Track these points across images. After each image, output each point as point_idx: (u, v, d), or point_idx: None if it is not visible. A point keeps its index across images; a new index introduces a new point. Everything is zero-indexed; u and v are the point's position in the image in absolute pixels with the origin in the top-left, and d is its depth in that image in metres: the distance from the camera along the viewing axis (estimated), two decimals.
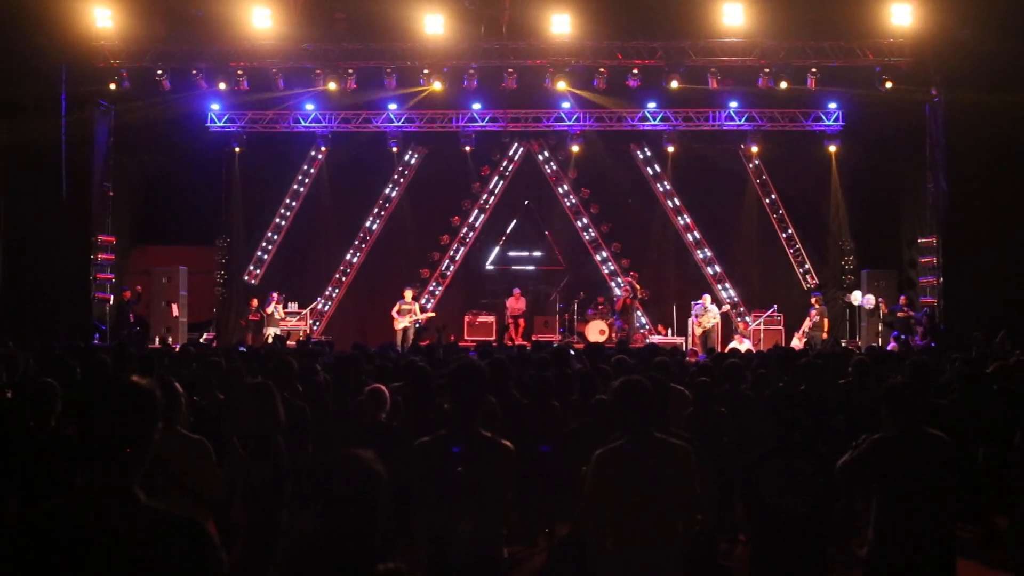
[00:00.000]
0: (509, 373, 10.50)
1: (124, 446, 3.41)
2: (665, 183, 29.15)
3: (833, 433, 9.20)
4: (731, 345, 24.16)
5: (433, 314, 27.27)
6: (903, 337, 24.27)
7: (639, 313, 28.22)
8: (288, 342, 21.67)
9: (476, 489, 5.62)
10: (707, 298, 26.68)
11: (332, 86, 25.22)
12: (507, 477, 5.81)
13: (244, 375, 9.28)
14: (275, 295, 26.58)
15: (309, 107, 27.16)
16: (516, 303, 27.67)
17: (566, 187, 29.57)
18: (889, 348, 21.92)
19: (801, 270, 28.70)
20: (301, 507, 3.95)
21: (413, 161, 29.54)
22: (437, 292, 29.49)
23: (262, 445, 7.03)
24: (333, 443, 8.31)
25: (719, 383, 10.75)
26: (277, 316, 26.01)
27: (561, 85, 25.10)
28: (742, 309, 28.23)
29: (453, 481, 5.62)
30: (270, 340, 22.51)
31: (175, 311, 26.42)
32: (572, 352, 15.19)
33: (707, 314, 25.89)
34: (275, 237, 29.22)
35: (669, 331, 27.45)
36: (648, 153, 29.15)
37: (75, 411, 3.46)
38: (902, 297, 25.87)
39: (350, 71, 24.94)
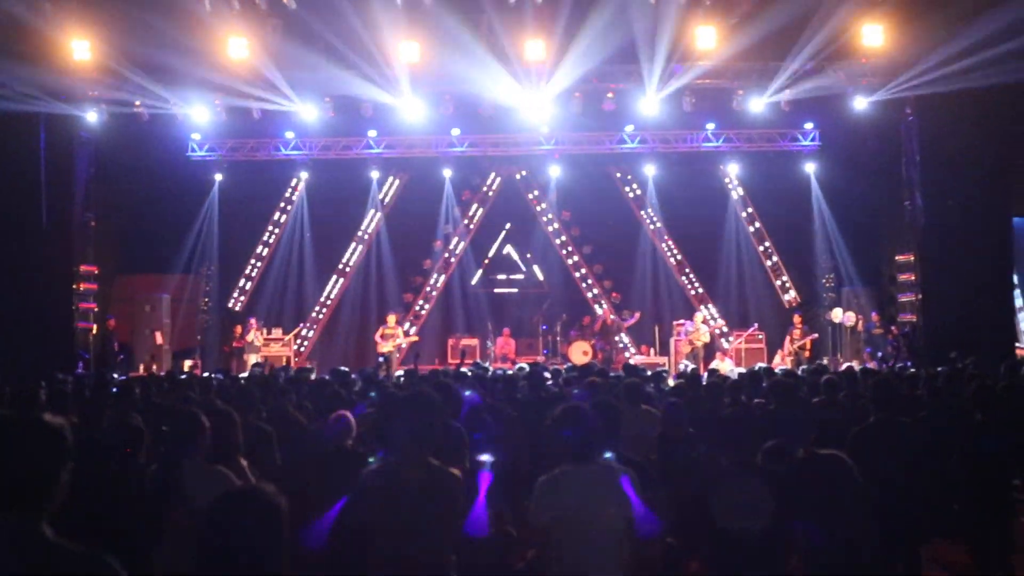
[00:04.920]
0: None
1: (31, 485, 3.45)
2: (645, 205, 29.28)
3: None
4: (713, 364, 24.19)
5: (417, 338, 27.36)
6: (879, 354, 24.44)
7: (622, 334, 28.33)
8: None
9: (425, 517, 5.68)
10: (698, 316, 26.77)
11: (311, 114, 25.32)
12: (455, 506, 5.90)
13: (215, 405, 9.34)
14: (253, 321, 26.55)
15: (289, 135, 27.21)
16: (506, 344, 27.60)
17: (547, 210, 29.68)
18: (868, 366, 21.99)
19: (782, 288, 28.83)
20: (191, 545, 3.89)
21: (394, 187, 29.65)
22: (420, 316, 29.54)
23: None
24: (300, 468, 8.37)
25: (696, 403, 10.83)
26: (257, 343, 25.97)
27: (538, 109, 25.27)
28: (724, 328, 28.31)
29: (403, 510, 5.68)
30: (251, 367, 22.50)
31: (159, 339, 26.45)
32: (547, 373, 15.28)
33: (698, 332, 25.96)
34: (258, 264, 29.31)
35: (652, 351, 27.53)
36: (627, 175, 29.32)
37: None
38: (874, 314, 26.04)
39: (328, 99, 25.08)
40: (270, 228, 29.43)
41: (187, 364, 25.39)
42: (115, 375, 19.28)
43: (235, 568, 3.53)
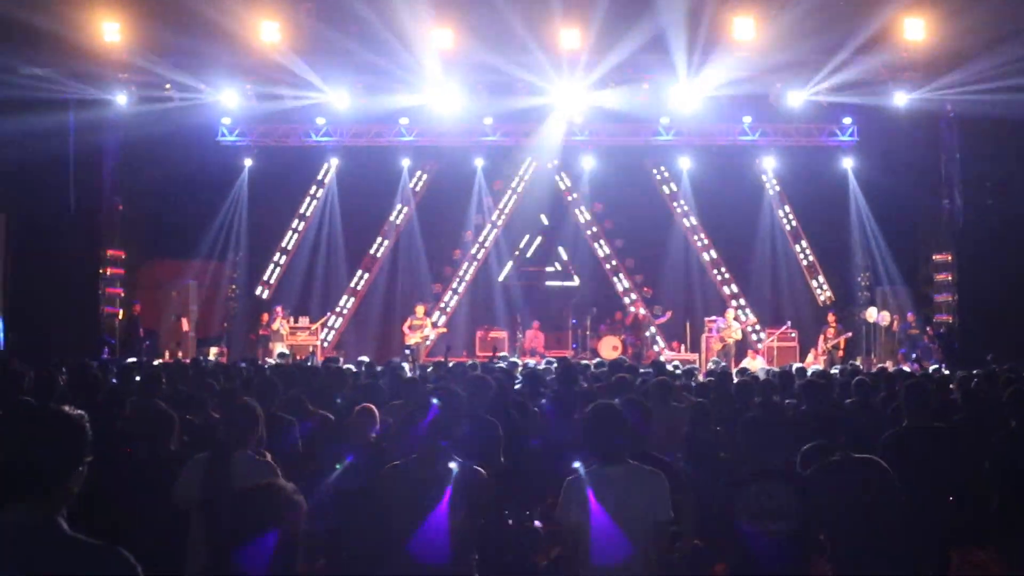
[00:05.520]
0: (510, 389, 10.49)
1: (47, 477, 3.37)
2: (679, 198, 29.08)
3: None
4: (744, 362, 23.96)
5: (445, 329, 27.23)
6: (914, 355, 24.17)
7: (653, 329, 28.15)
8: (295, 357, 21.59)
9: (446, 514, 5.57)
10: (729, 313, 26.53)
11: (343, 100, 25.14)
12: (478, 502, 5.79)
13: (239, 394, 9.32)
14: (279, 309, 26.48)
15: (320, 121, 26.98)
16: (535, 337, 27.51)
17: (579, 202, 29.51)
18: (903, 367, 21.71)
19: (816, 286, 28.57)
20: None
21: (425, 175, 29.50)
22: (449, 307, 29.40)
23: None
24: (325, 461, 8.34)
25: (725, 402, 10.65)
26: (283, 331, 25.86)
27: (572, 99, 25.04)
28: (757, 326, 28.05)
29: (424, 506, 5.58)
30: (276, 356, 22.42)
31: (185, 325, 26.41)
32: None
33: (730, 329, 25.74)
34: (287, 251, 29.22)
35: (683, 347, 27.31)
36: (662, 168, 29.11)
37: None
38: (910, 315, 25.77)
39: (360, 85, 24.88)
40: (299, 215, 29.35)
41: (213, 352, 25.31)
42: (138, 361, 19.18)
43: (251, 564, 3.42)
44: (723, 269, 29.21)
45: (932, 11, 21.23)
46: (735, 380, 12.92)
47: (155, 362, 20.52)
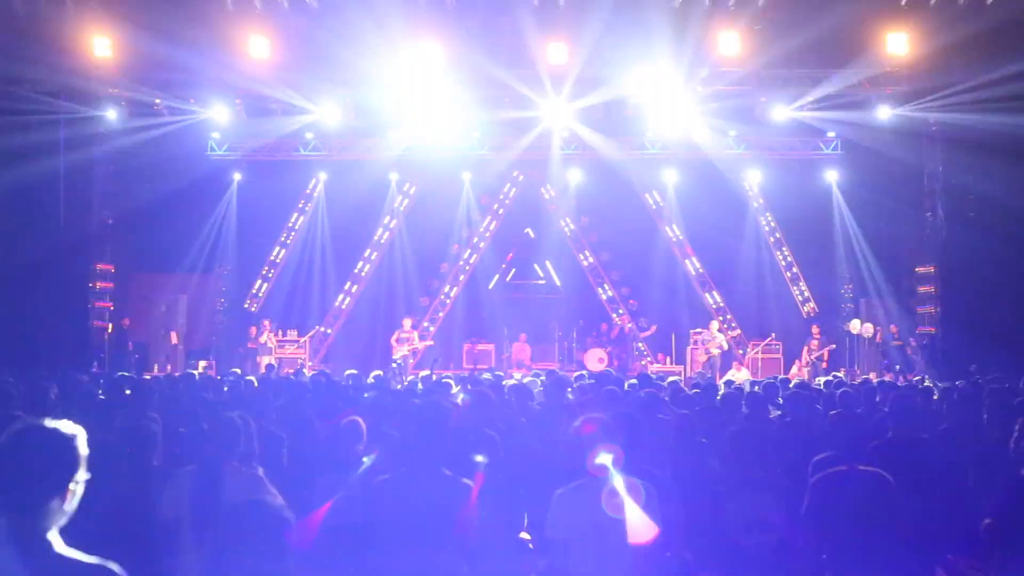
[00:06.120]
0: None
1: (42, 493, 3.41)
2: (665, 211, 29.14)
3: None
4: (729, 374, 24.06)
5: (432, 342, 27.27)
6: (897, 367, 24.30)
7: (638, 342, 28.22)
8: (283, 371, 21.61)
9: (436, 527, 5.62)
10: (713, 324, 26.64)
11: (332, 115, 25.15)
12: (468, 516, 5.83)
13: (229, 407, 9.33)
14: (267, 323, 26.55)
15: (309, 136, 27.03)
16: (522, 349, 27.57)
17: (566, 215, 29.56)
18: (885, 378, 21.81)
19: (800, 298, 28.66)
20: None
21: (413, 189, 29.53)
22: (436, 320, 29.43)
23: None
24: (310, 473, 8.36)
25: (711, 414, 10.72)
26: (271, 345, 25.90)
27: (559, 113, 25.08)
28: (743, 338, 28.15)
29: (414, 519, 5.63)
30: (263, 369, 22.46)
31: (174, 339, 26.44)
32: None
33: (714, 340, 25.83)
34: (275, 265, 29.26)
35: (668, 360, 27.38)
36: (647, 181, 29.13)
37: None
38: (893, 326, 25.88)
39: (349, 100, 24.90)
40: (288, 229, 29.40)
41: (201, 365, 25.30)
42: (128, 374, 19.20)
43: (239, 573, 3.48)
44: (708, 281, 29.29)
45: (915, 26, 21.36)
46: (720, 392, 13.00)
47: (145, 376, 20.52)
